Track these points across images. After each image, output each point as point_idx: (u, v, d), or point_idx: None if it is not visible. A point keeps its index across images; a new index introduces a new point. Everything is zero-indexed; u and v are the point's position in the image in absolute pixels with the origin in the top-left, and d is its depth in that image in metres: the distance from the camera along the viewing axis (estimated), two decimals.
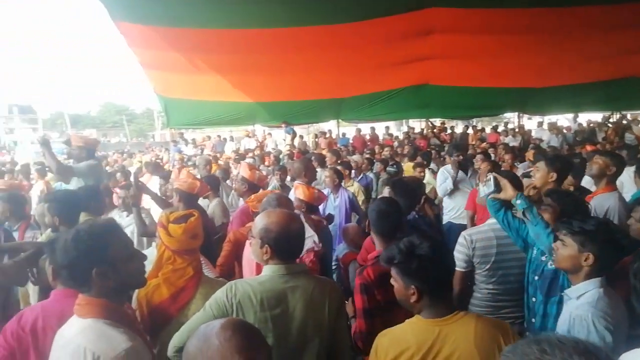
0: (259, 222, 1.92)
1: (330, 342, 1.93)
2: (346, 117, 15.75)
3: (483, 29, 9.04)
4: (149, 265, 2.17)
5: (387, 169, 7.38)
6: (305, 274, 1.93)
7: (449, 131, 16.56)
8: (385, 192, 3.47)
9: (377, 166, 7.48)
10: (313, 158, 6.60)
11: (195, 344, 1.12)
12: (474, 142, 12.83)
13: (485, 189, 2.65)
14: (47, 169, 7.22)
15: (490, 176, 2.66)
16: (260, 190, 4.22)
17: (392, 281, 1.81)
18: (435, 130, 16.05)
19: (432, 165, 7.19)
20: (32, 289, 3.21)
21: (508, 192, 2.55)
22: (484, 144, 10.00)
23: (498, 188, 2.58)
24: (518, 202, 2.50)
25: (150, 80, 12.78)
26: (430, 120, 17.11)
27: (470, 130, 16.16)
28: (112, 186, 5.43)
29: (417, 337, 1.69)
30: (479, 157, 5.84)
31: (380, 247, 2.48)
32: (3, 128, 55.16)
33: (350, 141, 15.14)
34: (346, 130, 19.62)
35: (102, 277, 1.53)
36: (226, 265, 3.18)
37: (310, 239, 2.73)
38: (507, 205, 2.61)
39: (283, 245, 1.88)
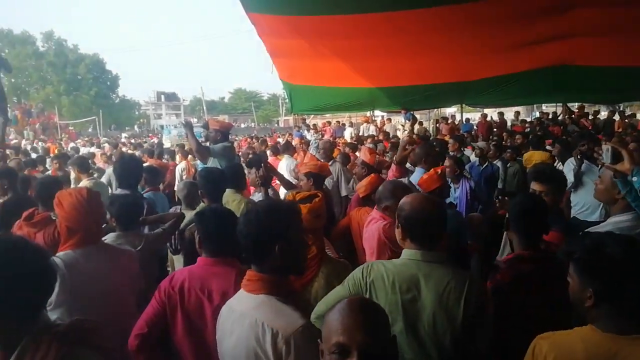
0: (400, 202, 1.95)
1: (467, 341, 1.77)
2: (471, 101, 14.96)
3: None
4: None
5: (519, 157, 6.87)
6: (442, 263, 1.85)
7: (590, 117, 14.79)
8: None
9: (507, 154, 6.98)
10: (435, 144, 6.41)
11: (328, 312, 1.21)
12: (620, 130, 11.32)
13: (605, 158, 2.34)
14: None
15: (608, 146, 2.33)
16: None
17: (568, 277, 1.60)
18: (573, 115, 14.48)
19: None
20: (175, 257, 3.64)
21: (625, 164, 2.23)
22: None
23: (616, 160, 2.26)
24: (634, 178, 2.19)
25: (276, 67, 13.45)
26: (568, 104, 15.46)
27: (616, 117, 14.27)
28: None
29: (587, 350, 1.43)
30: (631, 145, 5.09)
31: (518, 248, 2.26)
32: (152, 114, 62.63)
33: (475, 127, 14.36)
34: (470, 115, 18.66)
35: (282, 253, 1.58)
36: (337, 234, 3.40)
37: None
38: None
39: (414, 227, 1.85)
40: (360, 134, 14.84)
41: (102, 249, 2.30)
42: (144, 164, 5.04)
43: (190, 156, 8.80)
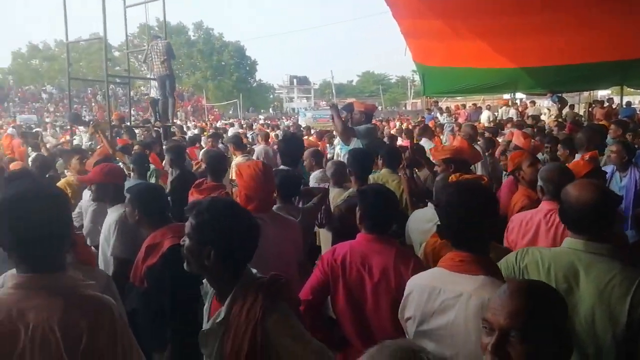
0: (564, 188, 1.86)
1: (632, 346, 1.59)
2: (635, 83, 13.04)
3: None
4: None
5: None
6: (609, 257, 1.69)
7: None
8: None
9: None
10: (593, 129, 5.73)
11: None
12: None
13: None
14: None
15: None
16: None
17: None
18: None
19: None
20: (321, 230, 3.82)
21: None
22: None
23: None
24: None
25: (410, 49, 13.19)
26: None
27: None
28: None
29: None
30: None
31: None
32: (285, 97, 66.03)
33: (638, 112, 12.52)
34: (631, 98, 16.31)
35: (490, 232, 1.62)
36: None
37: None
38: None
39: (570, 214, 1.76)
40: (499, 117, 13.92)
41: (272, 217, 2.51)
42: None
43: (325, 137, 9.16)
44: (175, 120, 20.62)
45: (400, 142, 8.09)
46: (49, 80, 44.47)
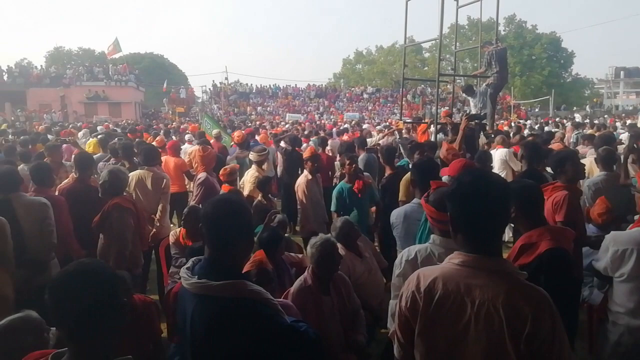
0: None
1: None
2: None
3: None
4: None
5: None
6: None
7: None
8: None
9: None
10: None
11: None
12: None
13: None
14: None
15: None
16: None
17: None
18: None
19: None
20: None
21: None
22: None
23: None
24: None
25: None
26: None
27: None
28: None
29: None
30: None
31: None
32: (606, 92, 56.58)
33: None
34: None
35: None
36: None
37: None
38: None
39: None
40: None
41: None
42: None
43: None
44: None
45: None
46: (368, 82, 50.88)
